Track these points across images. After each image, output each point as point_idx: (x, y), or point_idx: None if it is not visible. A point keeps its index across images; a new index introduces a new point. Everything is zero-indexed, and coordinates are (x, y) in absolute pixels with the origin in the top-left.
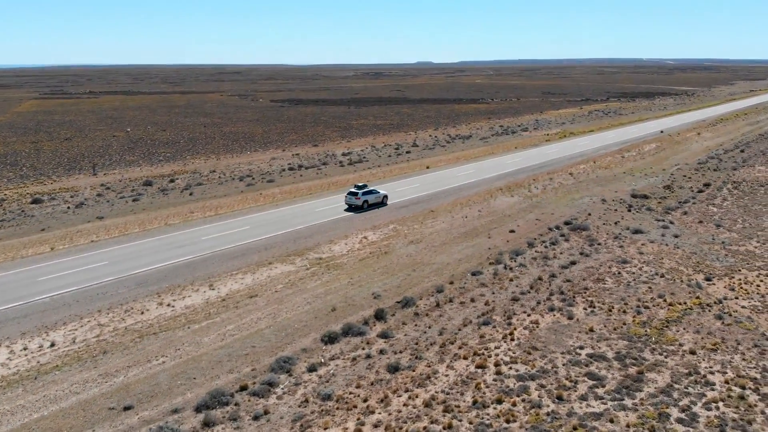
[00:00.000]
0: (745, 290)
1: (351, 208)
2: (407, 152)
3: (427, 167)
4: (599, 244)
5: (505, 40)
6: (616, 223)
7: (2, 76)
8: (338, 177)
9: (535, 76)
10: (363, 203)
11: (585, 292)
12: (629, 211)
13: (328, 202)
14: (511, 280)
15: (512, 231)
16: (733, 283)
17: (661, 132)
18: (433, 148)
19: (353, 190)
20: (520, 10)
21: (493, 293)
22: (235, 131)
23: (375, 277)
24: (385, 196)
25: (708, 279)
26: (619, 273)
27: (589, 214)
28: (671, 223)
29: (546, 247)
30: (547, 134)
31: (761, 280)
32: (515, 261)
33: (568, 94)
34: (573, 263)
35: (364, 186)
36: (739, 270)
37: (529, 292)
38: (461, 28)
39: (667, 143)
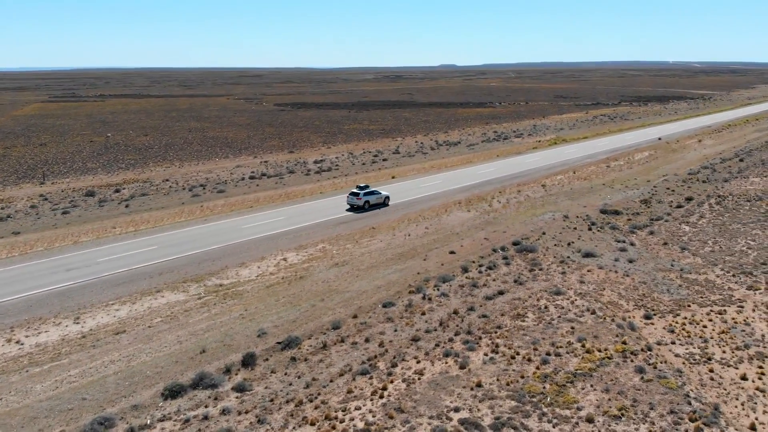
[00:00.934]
0: (687, 332)
1: (353, 208)
2: (384, 160)
3: (393, 177)
4: (541, 269)
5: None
6: (569, 244)
7: (22, 78)
8: (296, 187)
9: (554, 79)
10: (364, 203)
11: (496, 332)
12: (590, 229)
13: (267, 216)
14: (424, 313)
15: (452, 252)
16: (676, 322)
17: (659, 139)
18: (413, 156)
19: (355, 190)
20: (546, 12)
21: (396, 331)
22: (218, 136)
23: (274, 308)
24: (387, 197)
25: (647, 317)
26: (546, 307)
27: (544, 233)
28: (632, 244)
29: (481, 272)
30: (539, 140)
31: (710, 320)
32: (439, 289)
33: (580, 98)
34: (501, 293)
35: (366, 187)
36: (689, 305)
37: (435, 330)
38: (486, 30)
39: (662, 151)
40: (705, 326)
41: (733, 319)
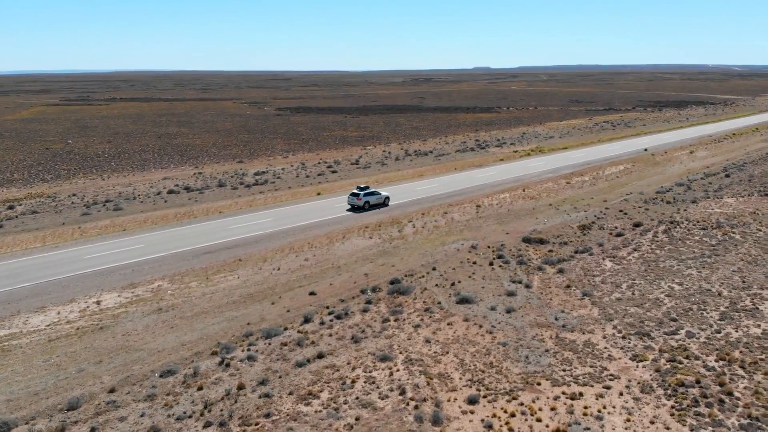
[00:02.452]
0: (509, 427)
1: (353, 208)
2: (333, 172)
3: (319, 194)
4: (397, 320)
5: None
6: (452, 285)
7: (50, 81)
8: (209, 204)
9: (582, 82)
10: (364, 204)
11: (256, 425)
12: (491, 264)
13: (129, 243)
14: (201, 388)
15: (313, 294)
16: (504, 411)
17: (646, 150)
18: (368, 167)
19: (355, 191)
20: (586, 14)
21: (143, 416)
22: (183, 143)
23: (30, 373)
24: (387, 198)
25: (472, 400)
26: (354, 382)
27: (434, 269)
28: (527, 286)
29: (323, 323)
30: (516, 151)
31: (553, 408)
32: (250, 350)
33: (595, 103)
34: (320, 356)
35: (366, 187)
36: (539, 383)
37: (190, 417)
38: (524, 32)
39: (641, 164)
40: (540, 419)
41: (585, 408)
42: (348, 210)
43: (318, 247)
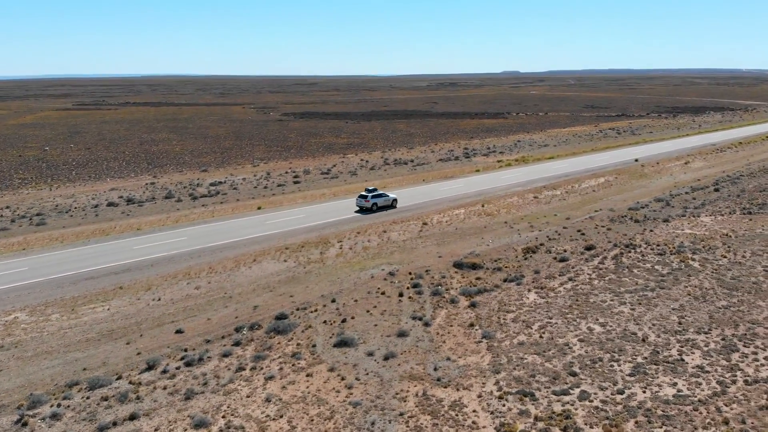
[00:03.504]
0: None
1: (361, 210)
2: (297, 182)
3: (259, 208)
4: (254, 368)
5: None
6: (343, 322)
7: (76, 85)
8: (140, 218)
9: (606, 87)
10: (372, 206)
11: None
12: (401, 296)
13: (18, 265)
14: None
15: (180, 332)
16: None
17: (636, 161)
18: (337, 177)
19: (363, 193)
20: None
21: None
22: (161, 150)
23: None
24: (395, 200)
25: None
26: None
27: (333, 301)
28: (426, 325)
29: (165, 371)
30: (499, 161)
31: None
32: (60, 407)
33: (609, 108)
34: (132, 418)
35: (374, 189)
36: None
37: None
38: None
39: (624, 177)
40: None
41: None
42: (356, 212)
43: (219, 272)
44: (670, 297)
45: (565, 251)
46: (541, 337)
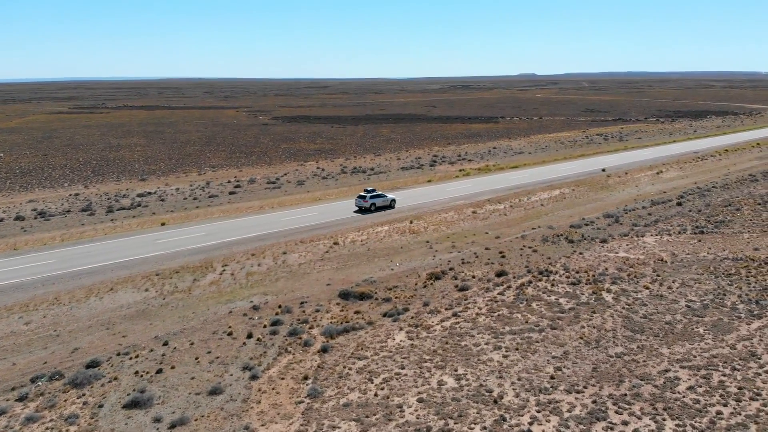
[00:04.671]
0: None
1: (360, 210)
2: (233, 193)
3: (163, 224)
4: None
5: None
6: (158, 372)
7: (87, 87)
8: (29, 236)
9: (616, 90)
10: (371, 206)
11: None
12: (250, 336)
13: None
14: None
15: None
16: None
17: (603, 170)
18: (281, 187)
19: (362, 193)
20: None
21: None
22: (119, 157)
23: None
24: (393, 200)
25: None
26: None
27: (165, 344)
28: (253, 378)
29: None
30: (461, 169)
31: None
32: None
33: (608, 113)
34: None
35: (373, 190)
36: None
37: None
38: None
39: (583, 189)
40: None
41: None
42: (355, 212)
43: (63, 304)
44: (557, 341)
45: (472, 277)
46: (376, 395)
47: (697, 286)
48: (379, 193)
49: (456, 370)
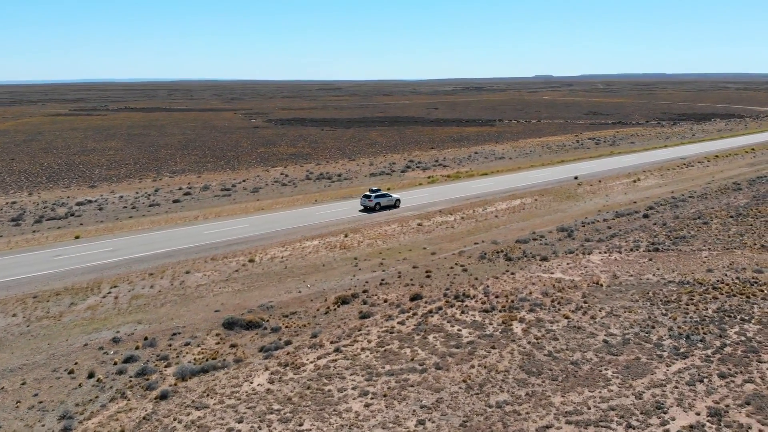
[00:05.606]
0: None
1: (365, 209)
2: (177, 201)
3: (77, 237)
4: None
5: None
6: None
7: (101, 89)
8: None
9: (626, 92)
10: (375, 205)
11: None
12: (91, 376)
13: None
14: None
15: None
16: None
17: (575, 178)
18: (229, 195)
19: (367, 193)
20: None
21: None
22: (86, 161)
23: None
24: (398, 200)
25: None
26: None
27: None
28: (65, 431)
29: None
30: (430, 177)
31: None
32: None
33: (611, 116)
34: None
35: (378, 190)
36: None
37: None
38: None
39: (548, 198)
40: None
41: None
42: (360, 211)
43: None
44: (435, 385)
45: (384, 302)
46: None
47: (625, 316)
48: (384, 192)
49: (301, 425)
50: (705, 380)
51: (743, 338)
